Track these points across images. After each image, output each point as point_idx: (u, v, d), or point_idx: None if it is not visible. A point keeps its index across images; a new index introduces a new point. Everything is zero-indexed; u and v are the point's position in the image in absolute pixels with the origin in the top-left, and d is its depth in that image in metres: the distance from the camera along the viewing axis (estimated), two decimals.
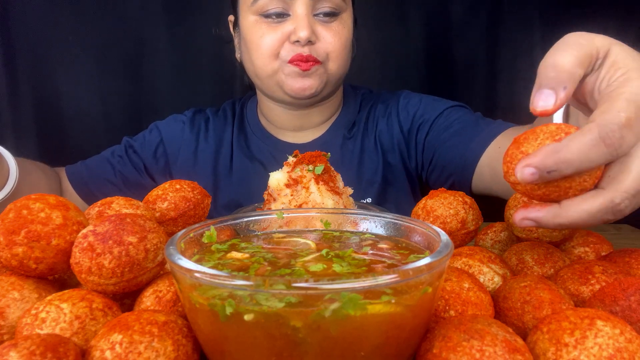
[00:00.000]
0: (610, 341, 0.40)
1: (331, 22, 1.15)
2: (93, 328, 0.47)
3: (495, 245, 0.76)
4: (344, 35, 1.17)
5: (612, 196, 0.48)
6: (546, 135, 0.49)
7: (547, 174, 0.47)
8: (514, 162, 0.50)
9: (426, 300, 0.41)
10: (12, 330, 0.50)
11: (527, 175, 0.47)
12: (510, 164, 0.50)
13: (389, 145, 1.29)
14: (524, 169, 0.47)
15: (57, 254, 0.53)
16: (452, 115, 1.22)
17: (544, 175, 0.47)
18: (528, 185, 0.50)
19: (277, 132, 1.34)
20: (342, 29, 1.16)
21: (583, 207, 0.49)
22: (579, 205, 0.49)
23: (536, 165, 0.47)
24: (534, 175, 0.47)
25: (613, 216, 0.49)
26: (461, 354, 0.39)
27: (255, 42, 1.16)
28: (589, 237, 0.72)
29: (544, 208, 0.51)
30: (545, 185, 0.49)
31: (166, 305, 0.51)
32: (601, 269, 0.57)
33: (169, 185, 0.74)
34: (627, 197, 0.48)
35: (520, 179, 0.48)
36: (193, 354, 0.44)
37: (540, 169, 0.47)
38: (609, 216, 0.49)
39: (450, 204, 0.68)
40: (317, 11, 1.13)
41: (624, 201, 0.48)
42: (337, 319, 0.37)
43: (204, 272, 0.39)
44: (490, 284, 0.58)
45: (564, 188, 0.49)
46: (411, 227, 0.55)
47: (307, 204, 0.77)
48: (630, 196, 0.48)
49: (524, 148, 0.49)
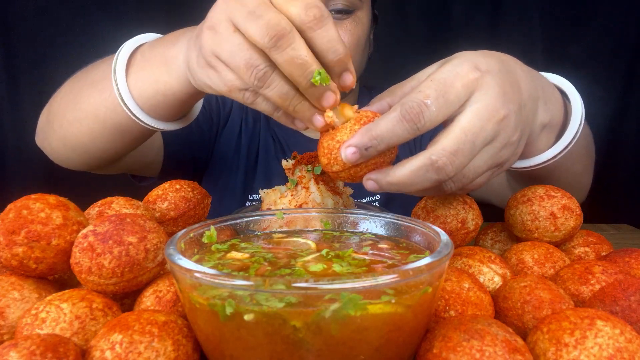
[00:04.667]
0: (610, 341, 0.40)
1: (344, 19, 1.12)
2: (93, 328, 0.47)
3: (495, 245, 0.76)
4: (357, 34, 1.14)
5: (430, 154, 0.53)
6: (353, 122, 0.55)
7: (365, 151, 0.53)
8: (333, 151, 0.55)
9: (426, 300, 0.41)
10: (12, 330, 0.50)
11: (350, 155, 0.53)
12: (330, 155, 0.56)
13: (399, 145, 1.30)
14: (346, 150, 0.53)
15: (57, 254, 0.53)
16: None
17: (363, 153, 0.53)
18: (351, 169, 0.55)
19: None
20: (355, 28, 1.14)
21: (406, 166, 0.54)
22: (403, 165, 0.55)
23: (355, 144, 0.53)
24: (355, 154, 0.53)
25: (436, 174, 0.54)
26: (461, 354, 0.39)
27: None
28: (589, 237, 0.72)
29: (380, 170, 0.56)
30: (366, 165, 0.55)
31: (166, 305, 0.51)
32: (601, 269, 0.57)
33: (169, 185, 0.74)
34: (444, 155, 0.53)
35: (346, 160, 0.54)
36: (193, 354, 0.44)
37: (360, 147, 0.53)
38: (432, 174, 0.54)
39: (450, 204, 0.68)
40: (329, 7, 1.10)
41: (441, 158, 0.53)
42: (337, 319, 0.37)
43: (204, 272, 0.39)
44: (490, 284, 0.58)
45: (380, 164, 0.55)
46: (411, 227, 0.55)
47: (307, 204, 0.77)
48: (448, 154, 0.53)
49: (338, 137, 0.55)
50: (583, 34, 1.87)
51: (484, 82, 0.55)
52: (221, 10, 0.55)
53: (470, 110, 0.55)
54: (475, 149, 0.55)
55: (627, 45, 1.87)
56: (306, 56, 0.52)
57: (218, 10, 0.56)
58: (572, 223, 0.68)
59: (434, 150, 0.53)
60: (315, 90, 0.53)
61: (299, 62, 0.51)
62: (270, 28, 0.51)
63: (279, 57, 0.51)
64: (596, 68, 1.86)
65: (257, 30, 0.51)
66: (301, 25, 0.52)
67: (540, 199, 0.69)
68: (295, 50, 0.51)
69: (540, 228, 0.68)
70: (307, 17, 0.51)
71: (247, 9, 0.52)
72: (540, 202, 0.69)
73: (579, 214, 0.69)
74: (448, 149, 0.53)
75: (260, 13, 0.52)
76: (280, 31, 0.51)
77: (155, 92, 0.73)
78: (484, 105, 0.55)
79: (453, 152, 0.53)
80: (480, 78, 0.55)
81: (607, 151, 1.88)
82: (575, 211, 0.69)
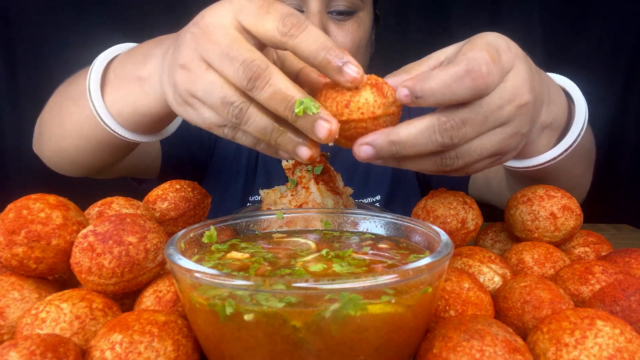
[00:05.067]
0: (610, 341, 0.40)
1: (345, 20, 1.12)
2: (93, 328, 0.47)
3: (495, 245, 0.76)
4: (359, 35, 1.14)
5: (440, 114, 0.51)
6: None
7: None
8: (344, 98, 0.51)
9: (426, 300, 0.41)
10: (12, 330, 0.50)
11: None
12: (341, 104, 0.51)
13: None
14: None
15: (57, 254, 0.53)
16: None
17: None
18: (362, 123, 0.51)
19: None
20: (357, 28, 1.14)
21: (413, 124, 0.51)
22: (409, 123, 0.52)
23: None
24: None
25: (441, 137, 0.51)
26: (461, 354, 0.39)
27: None
28: (589, 237, 0.72)
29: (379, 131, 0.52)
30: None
31: (166, 305, 0.51)
32: (601, 269, 0.57)
33: (169, 185, 0.74)
34: (453, 119, 0.51)
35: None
36: (193, 354, 0.44)
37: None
38: (438, 136, 0.51)
39: (450, 204, 0.68)
40: (331, 8, 1.11)
41: (449, 121, 0.51)
42: (337, 319, 0.37)
43: (204, 272, 0.39)
44: (490, 284, 0.58)
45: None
46: (411, 227, 0.55)
47: (307, 204, 0.77)
48: (458, 119, 0.51)
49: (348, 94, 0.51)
50: (583, 33, 1.87)
51: (516, 64, 0.54)
52: (192, 48, 0.53)
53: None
54: (486, 125, 0.52)
55: (627, 45, 1.87)
56: (286, 89, 0.49)
57: (188, 47, 0.53)
58: (572, 223, 0.68)
59: (443, 112, 0.51)
60: (304, 121, 0.49)
61: (279, 97, 0.49)
62: (246, 69, 0.49)
63: (260, 96, 0.50)
64: (596, 68, 1.86)
65: (234, 74, 0.50)
66: (281, 38, 0.50)
67: (540, 199, 0.69)
68: (274, 85, 0.49)
69: (540, 228, 0.68)
70: (285, 27, 0.49)
71: (221, 49, 0.50)
72: (540, 202, 0.69)
73: (579, 214, 0.69)
74: (459, 115, 0.51)
75: (234, 54, 0.50)
76: (256, 71, 0.49)
77: (134, 112, 0.72)
78: (511, 85, 0.52)
79: (463, 119, 0.51)
80: (515, 58, 0.54)
81: (607, 151, 1.88)
82: (575, 211, 0.69)
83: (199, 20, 0.54)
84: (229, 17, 0.52)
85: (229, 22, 0.52)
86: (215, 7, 0.54)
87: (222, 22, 0.52)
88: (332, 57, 0.49)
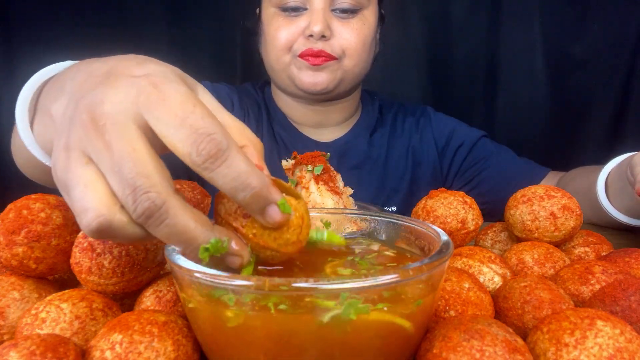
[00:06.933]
0: (610, 341, 0.40)
1: (349, 18, 1.12)
2: (93, 328, 0.47)
3: (495, 245, 0.76)
4: (363, 33, 1.14)
5: None
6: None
7: None
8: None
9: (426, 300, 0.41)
10: (12, 330, 0.50)
11: None
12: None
13: (421, 158, 1.34)
14: None
15: (57, 254, 0.53)
16: (488, 146, 1.33)
17: None
18: None
19: (297, 126, 1.32)
20: (361, 26, 1.14)
21: None
22: None
23: None
24: None
25: None
26: (461, 354, 0.39)
27: (271, 35, 1.15)
28: (589, 237, 0.72)
29: None
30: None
31: (166, 305, 0.51)
32: (601, 269, 0.57)
33: None
34: None
35: None
36: (193, 354, 0.44)
37: None
38: None
39: (450, 204, 0.68)
40: (335, 6, 1.11)
41: None
42: (338, 323, 0.37)
43: (204, 272, 0.39)
44: (490, 284, 0.58)
45: None
46: (411, 227, 0.55)
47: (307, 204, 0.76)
48: None
49: None
50: (583, 33, 1.87)
51: None
52: (78, 137, 0.40)
53: None
54: None
55: (627, 45, 1.87)
56: (184, 232, 0.39)
57: (76, 133, 0.40)
58: (572, 223, 0.68)
59: None
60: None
61: (183, 238, 0.39)
62: (137, 197, 0.37)
63: (154, 232, 0.39)
64: (596, 67, 1.86)
65: (121, 193, 0.38)
66: (195, 168, 0.39)
67: (540, 199, 0.69)
68: (170, 226, 0.38)
69: (541, 228, 0.68)
70: (199, 157, 0.38)
71: (112, 160, 0.38)
72: (540, 202, 0.69)
73: (579, 214, 0.69)
74: None
75: (126, 173, 0.37)
76: (153, 202, 0.37)
77: None
78: None
79: None
80: None
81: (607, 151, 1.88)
82: (575, 211, 0.69)
83: (96, 105, 0.40)
84: (131, 111, 0.39)
85: (131, 117, 0.39)
86: (118, 88, 0.40)
87: (121, 119, 0.39)
88: (253, 199, 0.40)
